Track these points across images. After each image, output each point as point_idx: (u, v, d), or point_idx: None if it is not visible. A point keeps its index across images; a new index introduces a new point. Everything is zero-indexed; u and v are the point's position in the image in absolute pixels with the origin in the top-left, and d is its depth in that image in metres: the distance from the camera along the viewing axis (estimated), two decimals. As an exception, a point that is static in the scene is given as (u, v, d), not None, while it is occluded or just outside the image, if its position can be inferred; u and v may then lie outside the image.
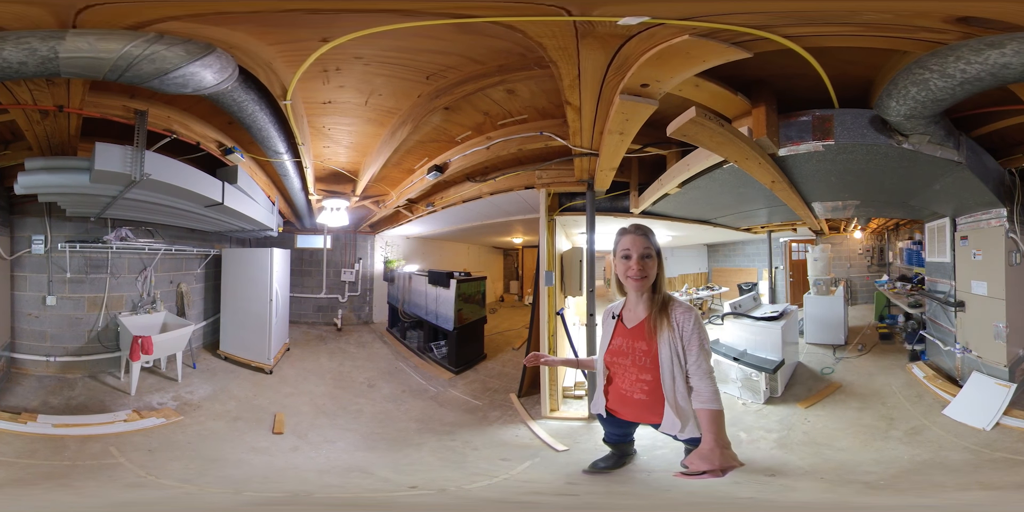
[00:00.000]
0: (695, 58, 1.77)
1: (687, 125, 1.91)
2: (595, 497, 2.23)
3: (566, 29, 1.80)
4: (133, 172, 2.73)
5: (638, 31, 1.72)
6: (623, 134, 2.44)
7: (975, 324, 3.55)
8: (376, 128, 3.63)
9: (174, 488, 2.32)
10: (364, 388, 4.40)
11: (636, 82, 1.93)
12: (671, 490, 2.26)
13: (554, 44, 1.91)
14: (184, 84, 2.08)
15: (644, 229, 1.79)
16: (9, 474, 2.36)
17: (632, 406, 1.85)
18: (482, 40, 2.26)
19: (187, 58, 1.96)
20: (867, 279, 7.00)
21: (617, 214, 3.96)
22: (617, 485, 2.40)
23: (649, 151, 3.18)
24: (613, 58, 1.90)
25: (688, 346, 1.68)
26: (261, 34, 2.18)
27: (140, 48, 1.85)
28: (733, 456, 1.44)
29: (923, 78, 1.74)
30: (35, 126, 2.69)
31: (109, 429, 3.04)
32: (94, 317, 3.93)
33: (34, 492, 2.18)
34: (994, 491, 2.22)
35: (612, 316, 1.92)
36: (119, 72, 1.92)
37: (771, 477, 2.53)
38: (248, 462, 2.80)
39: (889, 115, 2.06)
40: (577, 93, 2.24)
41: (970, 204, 3.38)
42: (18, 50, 1.73)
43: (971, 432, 2.96)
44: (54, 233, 3.79)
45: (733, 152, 2.17)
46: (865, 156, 2.42)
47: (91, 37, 1.80)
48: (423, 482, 2.49)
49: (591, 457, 2.62)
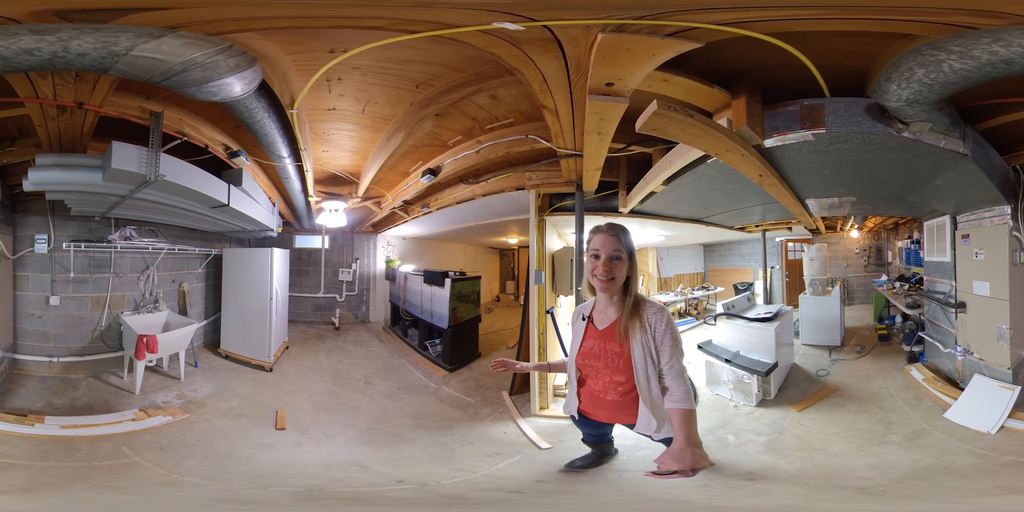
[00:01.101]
0: (641, 53, 1.65)
1: (653, 119, 1.76)
2: (544, 496, 2.16)
3: (501, 39, 1.74)
4: (148, 172, 2.66)
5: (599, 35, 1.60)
6: (601, 134, 2.32)
7: (977, 325, 3.29)
8: (373, 134, 3.67)
9: (204, 485, 2.26)
10: (361, 385, 4.31)
11: (600, 82, 1.83)
12: (624, 490, 2.14)
13: (505, 53, 1.85)
14: (216, 92, 2.08)
15: (617, 229, 1.67)
16: (31, 477, 2.26)
17: (605, 407, 1.79)
18: (458, 49, 2.19)
19: (234, 70, 1.97)
20: (864, 279, 6.65)
21: (607, 214, 3.77)
22: (582, 485, 2.30)
23: (634, 150, 3.00)
24: (566, 61, 1.82)
25: (661, 346, 1.62)
26: (285, 43, 2.21)
27: (207, 56, 1.84)
28: (704, 456, 1.39)
29: (935, 59, 1.54)
30: (49, 122, 2.59)
31: (118, 429, 2.95)
32: (97, 317, 3.82)
33: (75, 493, 2.09)
34: (1020, 495, 2.03)
35: (582, 317, 1.82)
36: (168, 76, 1.88)
37: (749, 481, 2.33)
38: (257, 458, 2.74)
39: (888, 100, 1.83)
40: (549, 96, 2.17)
41: (973, 201, 3.10)
42: (94, 41, 1.65)
43: (975, 436, 2.73)
44: (57, 232, 3.67)
45: (711, 144, 1.98)
46: (861, 146, 2.17)
47: (183, 40, 1.74)
48: (411, 477, 2.45)
49: (573, 455, 2.54)
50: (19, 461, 2.41)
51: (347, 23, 1.90)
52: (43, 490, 2.11)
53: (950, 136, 2.08)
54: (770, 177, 2.39)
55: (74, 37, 1.63)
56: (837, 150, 2.23)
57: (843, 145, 2.17)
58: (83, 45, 1.66)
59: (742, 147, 2.02)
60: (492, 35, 1.74)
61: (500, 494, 2.22)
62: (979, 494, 2.09)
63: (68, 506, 1.92)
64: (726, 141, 1.95)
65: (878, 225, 6.37)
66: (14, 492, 2.02)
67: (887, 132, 2.01)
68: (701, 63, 1.86)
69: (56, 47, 1.65)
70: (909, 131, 2.01)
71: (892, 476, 2.35)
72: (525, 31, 1.67)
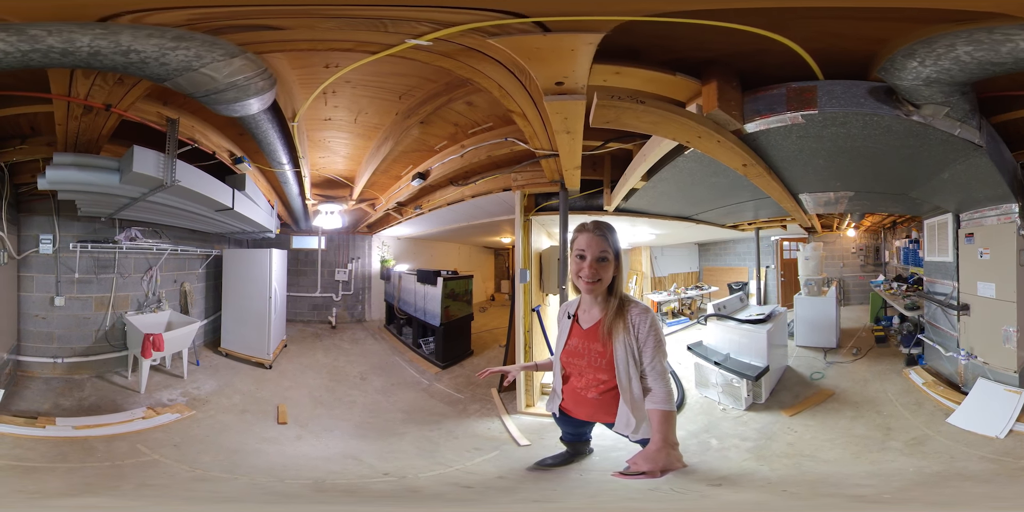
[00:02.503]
0: (557, 50, 1.52)
1: (600, 111, 1.60)
2: (498, 494, 2.07)
3: (436, 54, 1.69)
4: (165, 177, 2.64)
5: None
6: (570, 132, 2.14)
7: (981, 328, 2.94)
8: (365, 142, 3.72)
9: (231, 479, 2.22)
10: (357, 381, 4.19)
11: (548, 82, 1.71)
12: (576, 491, 2.01)
13: (451, 65, 1.80)
14: (238, 110, 2.09)
15: (603, 228, 1.53)
16: (65, 480, 2.12)
17: (586, 405, 1.70)
18: (425, 62, 2.06)
19: (260, 92, 1.96)
20: (861, 279, 6.21)
21: (592, 212, 3.51)
22: (535, 482, 2.19)
23: (612, 146, 2.76)
24: (505, 65, 1.72)
25: (644, 347, 1.52)
26: (292, 59, 2.25)
27: (248, 79, 1.83)
28: (678, 457, 1.31)
29: (991, 39, 1.31)
30: (71, 121, 2.49)
31: (129, 427, 2.83)
32: (101, 317, 3.67)
33: (126, 492, 2.00)
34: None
35: (568, 315, 1.72)
36: (210, 93, 1.86)
37: (715, 487, 2.10)
38: (264, 452, 2.69)
39: (903, 78, 1.54)
40: (512, 101, 2.10)
41: (979, 198, 2.73)
42: (186, 52, 1.60)
43: (983, 441, 2.45)
44: (62, 232, 3.51)
45: (677, 131, 1.74)
46: (861, 130, 1.84)
47: (245, 61, 1.72)
48: (395, 469, 2.41)
49: (549, 453, 2.42)
50: (39, 463, 2.28)
51: (337, 46, 1.88)
52: (86, 493, 1.99)
53: (967, 124, 1.75)
54: (756, 167, 2.10)
55: (170, 49, 1.56)
56: (833, 135, 1.89)
57: (840, 128, 1.84)
58: (172, 57, 1.59)
59: (716, 132, 1.75)
60: (427, 51, 1.69)
61: (453, 489, 2.13)
62: (1012, 498, 1.87)
63: (144, 507, 1.84)
64: (695, 126, 1.70)
65: (876, 224, 5.95)
66: (77, 494, 1.92)
67: (893, 114, 1.68)
68: (659, 54, 1.70)
69: (155, 53, 1.56)
70: (920, 114, 1.68)
71: (897, 483, 2.10)
72: (434, 45, 1.61)
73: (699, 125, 1.70)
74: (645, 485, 1.37)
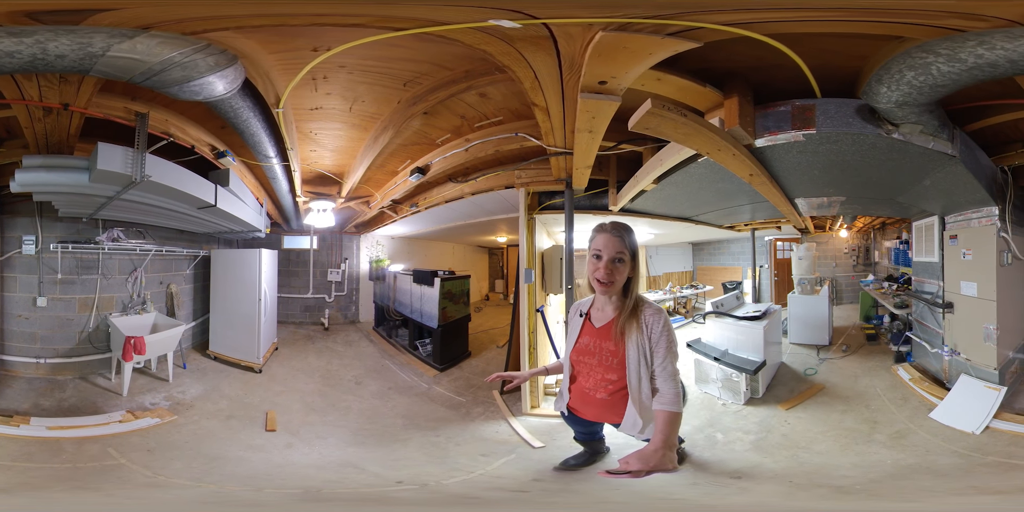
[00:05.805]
0: (638, 52, 1.61)
1: (646, 118, 1.70)
2: (548, 495, 2.13)
3: (493, 36, 1.67)
4: (134, 173, 2.62)
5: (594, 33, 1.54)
6: (592, 132, 2.26)
7: (964, 325, 3.24)
8: (361, 133, 3.59)
9: (192, 487, 2.20)
10: (352, 385, 4.22)
11: (592, 80, 1.78)
12: (620, 489, 2.08)
13: (497, 50, 1.79)
14: (198, 92, 2.04)
15: (622, 229, 1.60)
16: (11, 478, 2.18)
17: (593, 405, 1.75)
18: (446, 47, 2.13)
19: (214, 69, 1.93)
20: (852, 278, 6.61)
21: (596, 212, 3.70)
22: (579, 483, 2.27)
23: (624, 148, 2.93)
24: (560, 58, 1.75)
25: (656, 348, 1.58)
26: (266, 42, 2.16)
27: (185, 56, 1.80)
28: (671, 459, 1.35)
29: (924, 62, 1.51)
30: (36, 123, 2.54)
31: (105, 430, 2.86)
32: (85, 318, 3.71)
33: (55, 494, 2.02)
34: (994, 496, 2.00)
35: (580, 314, 1.78)
36: (148, 76, 1.84)
37: (736, 480, 2.30)
38: (248, 459, 2.68)
39: (879, 102, 1.79)
40: (540, 94, 2.12)
41: (961, 202, 3.05)
42: (70, 43, 1.62)
43: (960, 436, 2.70)
44: (44, 233, 3.55)
45: (703, 143, 1.92)
46: (851, 147, 2.12)
47: (157, 40, 1.70)
48: (408, 477, 2.42)
49: (566, 453, 2.50)
50: (2, 461, 2.33)
51: (325, 21, 1.81)
52: (22, 490, 2.03)
53: (939, 138, 2.04)
54: (760, 176, 2.33)
55: (51, 39, 1.62)
56: (827, 151, 2.18)
57: (833, 146, 2.12)
58: (60, 47, 1.62)
59: (733, 146, 1.96)
60: (484, 32, 1.67)
61: (503, 494, 2.17)
62: (951, 494, 2.07)
63: (48, 506, 1.85)
64: (718, 140, 1.89)
65: (867, 225, 6.32)
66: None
67: (876, 133, 1.96)
68: (693, 62, 1.81)
69: (35, 49, 1.62)
70: (899, 132, 1.97)
71: (873, 475, 2.33)
72: (520, 28, 1.60)
73: (721, 140, 1.89)
74: (679, 481, 1.40)
